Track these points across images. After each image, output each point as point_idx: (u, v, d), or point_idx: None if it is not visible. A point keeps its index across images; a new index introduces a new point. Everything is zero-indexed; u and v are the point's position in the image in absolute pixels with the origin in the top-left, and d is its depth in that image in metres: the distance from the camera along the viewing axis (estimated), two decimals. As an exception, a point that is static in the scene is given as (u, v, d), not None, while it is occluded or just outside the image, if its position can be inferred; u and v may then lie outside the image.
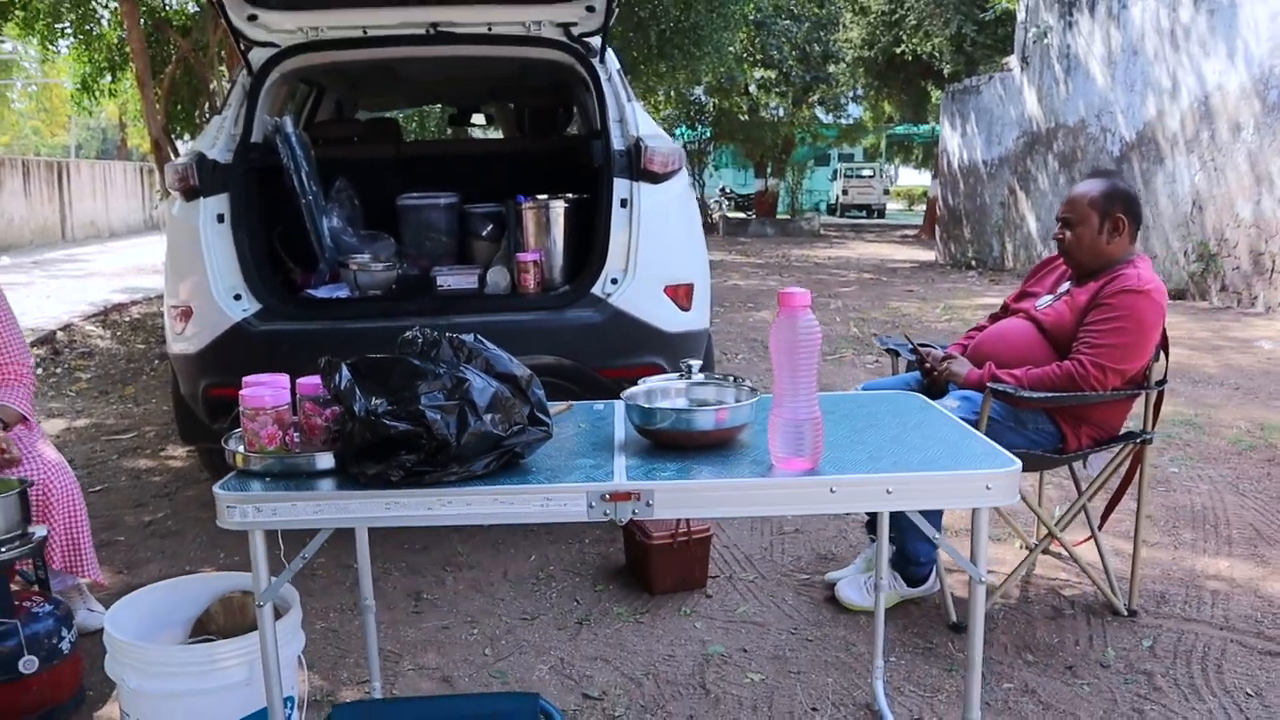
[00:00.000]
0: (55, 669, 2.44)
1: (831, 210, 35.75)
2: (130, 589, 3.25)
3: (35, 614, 2.44)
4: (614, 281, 3.48)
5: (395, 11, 3.81)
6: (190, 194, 3.47)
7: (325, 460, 1.72)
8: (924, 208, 34.71)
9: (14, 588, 2.53)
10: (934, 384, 3.06)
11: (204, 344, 3.44)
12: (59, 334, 8.32)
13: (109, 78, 10.44)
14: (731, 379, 2.10)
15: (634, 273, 3.48)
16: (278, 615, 2.00)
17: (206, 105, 9.16)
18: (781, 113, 24.97)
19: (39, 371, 7.06)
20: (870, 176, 34.68)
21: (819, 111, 25.82)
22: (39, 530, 2.51)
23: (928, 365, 3.08)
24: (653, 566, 3.18)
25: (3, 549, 2.38)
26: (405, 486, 1.62)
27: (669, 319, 3.56)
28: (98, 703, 2.59)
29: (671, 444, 1.84)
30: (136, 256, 16.83)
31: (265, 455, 1.74)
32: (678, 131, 25.75)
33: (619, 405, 2.23)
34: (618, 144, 3.58)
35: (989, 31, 16.51)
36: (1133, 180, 11.03)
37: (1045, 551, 3.43)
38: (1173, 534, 3.68)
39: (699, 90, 24.14)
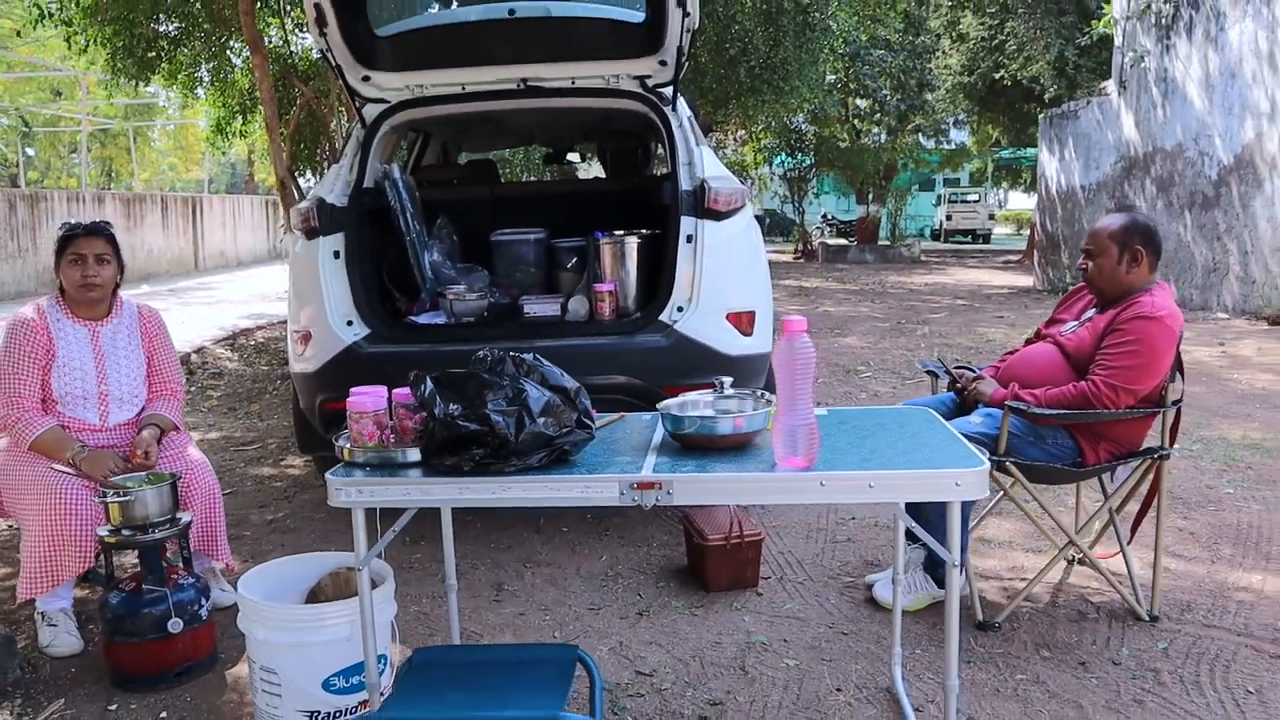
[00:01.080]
0: (196, 631, 2.92)
1: (935, 236, 35.50)
2: (256, 575, 3.78)
3: (181, 585, 2.93)
4: (679, 309, 3.87)
5: (490, 70, 4.29)
6: (311, 234, 4.00)
7: (413, 454, 2.13)
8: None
9: (163, 563, 3.03)
10: (965, 403, 3.37)
11: (321, 364, 3.94)
12: (193, 356, 9.08)
13: (240, 119, 11.32)
14: (755, 393, 2.46)
15: (698, 301, 3.86)
16: (374, 585, 2.43)
17: (326, 146, 9.89)
18: (882, 139, 25.07)
19: (176, 389, 7.77)
20: (975, 201, 34.32)
21: (920, 137, 25.79)
22: (185, 516, 3.02)
23: (959, 385, 3.38)
24: (709, 566, 3.53)
25: (157, 529, 2.88)
26: (474, 475, 2.03)
27: (730, 343, 3.92)
28: (228, 664, 3.06)
29: (696, 446, 2.21)
30: (261, 285, 17.92)
31: (366, 450, 2.16)
32: (778, 160, 26.06)
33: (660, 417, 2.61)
34: (685, 185, 3.97)
35: (1091, 55, 16.44)
36: (1231, 204, 10.95)
37: (1080, 563, 3.67)
38: (1212, 549, 3.86)
39: (799, 118, 24.43)
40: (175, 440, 3.35)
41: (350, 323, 3.94)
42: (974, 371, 3.48)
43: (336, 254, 3.98)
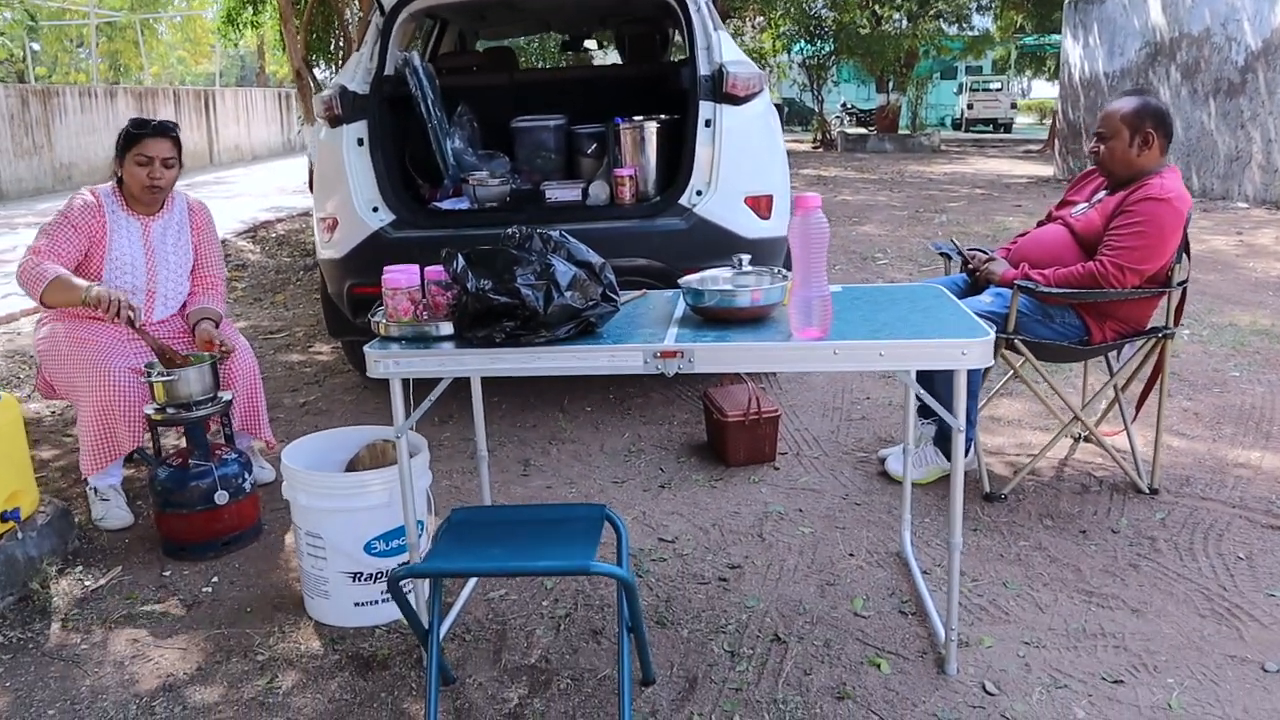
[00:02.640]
0: (240, 503, 3.09)
1: (956, 125, 34.93)
2: (292, 453, 3.94)
3: (225, 460, 3.09)
4: (698, 193, 3.93)
5: (507, -47, 4.27)
6: (334, 121, 4.05)
7: (446, 328, 2.24)
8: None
9: (207, 439, 3.18)
10: (977, 283, 3.45)
11: (347, 250, 4.04)
12: (215, 248, 9.18)
13: (250, 9, 11.21)
14: (773, 270, 2.55)
15: (716, 185, 3.92)
16: (410, 454, 2.57)
17: (340, 36, 9.80)
18: (903, 25, 24.48)
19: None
20: (997, 90, 33.66)
21: (942, 23, 25.18)
22: (226, 394, 3.16)
23: (971, 266, 3.45)
24: (728, 441, 3.67)
25: (201, 407, 3.02)
26: (505, 346, 2.14)
27: (749, 226, 3.99)
28: (271, 534, 3.24)
29: (715, 318, 2.31)
30: (278, 178, 17.91)
31: (401, 324, 2.27)
32: (796, 47, 25.54)
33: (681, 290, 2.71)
34: (703, 69, 3.99)
35: (1120, -64, 15.90)
36: (1257, 91, 10.77)
37: (1086, 440, 3.79)
38: (1215, 429, 3.97)
39: (818, 4, 23.85)
40: (224, 330, 3.46)
41: (376, 209, 4.03)
42: (986, 253, 3.55)
43: (360, 141, 4.04)
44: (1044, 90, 44.99)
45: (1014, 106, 34.35)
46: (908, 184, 14.86)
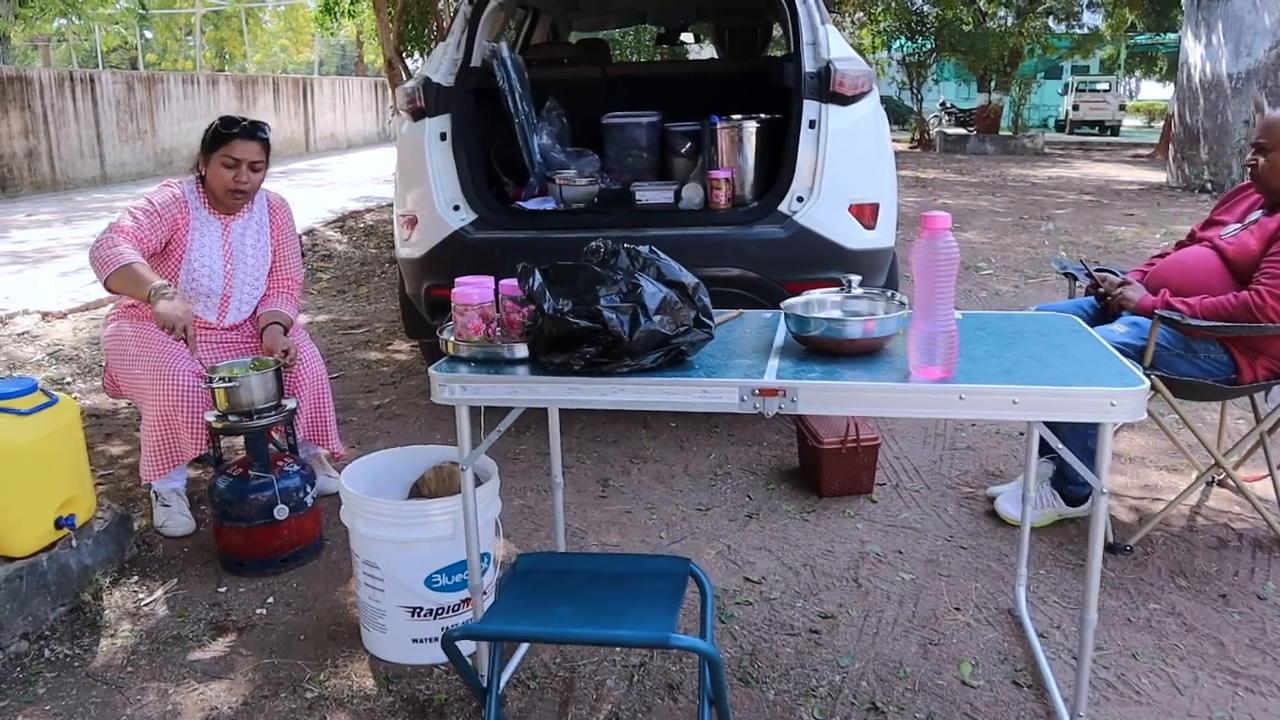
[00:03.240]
0: (301, 518, 2.92)
1: (1060, 127, 33.73)
2: (362, 461, 3.78)
3: (287, 472, 2.92)
4: (799, 199, 3.66)
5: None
6: (417, 115, 3.87)
7: (520, 350, 2.02)
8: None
9: (270, 448, 3.02)
10: (1107, 309, 3.11)
11: (427, 249, 3.86)
12: (303, 238, 9.17)
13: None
14: (886, 293, 2.27)
15: (819, 191, 3.64)
16: (478, 483, 2.36)
17: (434, 26, 9.70)
18: (1009, 22, 23.68)
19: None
20: (1105, 90, 32.42)
21: (1050, 21, 24.30)
22: (290, 403, 2.98)
23: (1101, 290, 3.12)
24: (823, 469, 3.39)
25: (262, 415, 2.85)
26: (585, 375, 1.91)
27: (852, 236, 3.70)
28: (333, 550, 3.07)
29: (822, 350, 2.04)
30: (370, 167, 18.02)
31: (471, 344, 2.06)
32: (896, 44, 24.90)
33: (782, 315, 2.45)
34: (808, 66, 3.71)
35: (1248, -69, 15.05)
36: (1400, 98, 10.01)
37: (1220, 485, 3.42)
38: (1370, 475, 3.56)
39: (920, -1, 23.21)
40: (294, 334, 3.29)
41: (457, 207, 3.83)
42: (1117, 275, 3.20)
43: (443, 136, 3.85)
44: (1153, 92, 43.46)
45: (1122, 108, 33.07)
46: (1010, 188, 14.28)
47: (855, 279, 2.30)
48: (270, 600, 2.77)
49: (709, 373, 1.93)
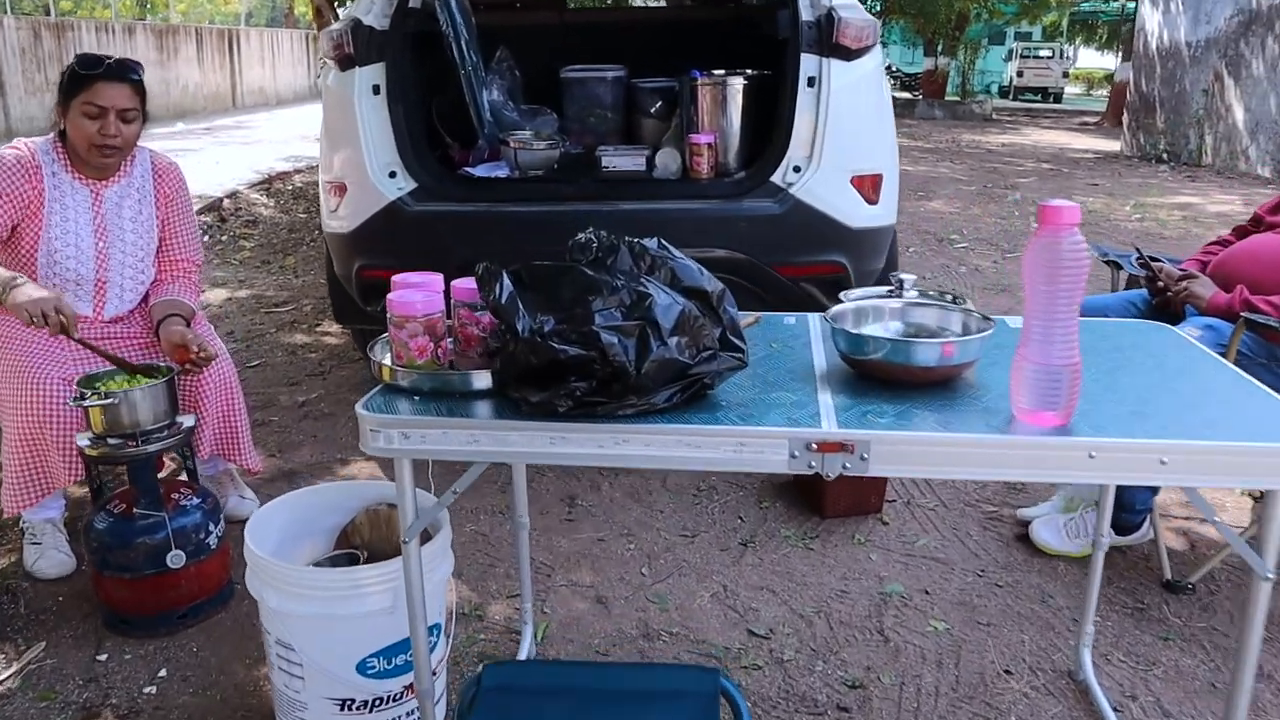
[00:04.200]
0: (202, 564, 2.35)
1: (1004, 93, 33.57)
2: (282, 474, 3.21)
3: (184, 507, 2.35)
4: (796, 170, 3.14)
5: None
6: (345, 63, 3.26)
7: (482, 379, 1.48)
8: (1104, 93, 32.19)
9: (161, 475, 2.45)
10: (1166, 306, 2.64)
11: (357, 223, 3.27)
12: (225, 201, 8.43)
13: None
14: (950, 298, 1.77)
15: (819, 160, 3.12)
16: (426, 538, 1.82)
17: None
18: (958, -15, 23.23)
19: (205, 239, 7.17)
20: (1049, 57, 32.34)
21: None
22: (186, 420, 2.40)
23: (1161, 284, 2.65)
24: (825, 487, 2.90)
25: (150, 438, 2.27)
26: (574, 419, 1.38)
27: (854, 213, 3.20)
28: (245, 599, 2.49)
29: (883, 378, 1.54)
30: (301, 124, 17.07)
31: (414, 369, 1.52)
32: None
33: (813, 320, 1.94)
34: (806, 14, 3.17)
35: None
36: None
37: None
38: None
39: (870, -41, 22.65)
40: (197, 328, 2.69)
41: (393, 174, 3.24)
42: (1171, 264, 2.73)
43: (376, 89, 3.24)
44: (1090, 59, 43.51)
45: (1065, 75, 33.05)
46: (966, 154, 13.91)
47: (909, 278, 1.80)
48: (162, 674, 2.21)
49: (744, 416, 1.41)
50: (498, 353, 1.44)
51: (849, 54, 3.15)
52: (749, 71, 3.45)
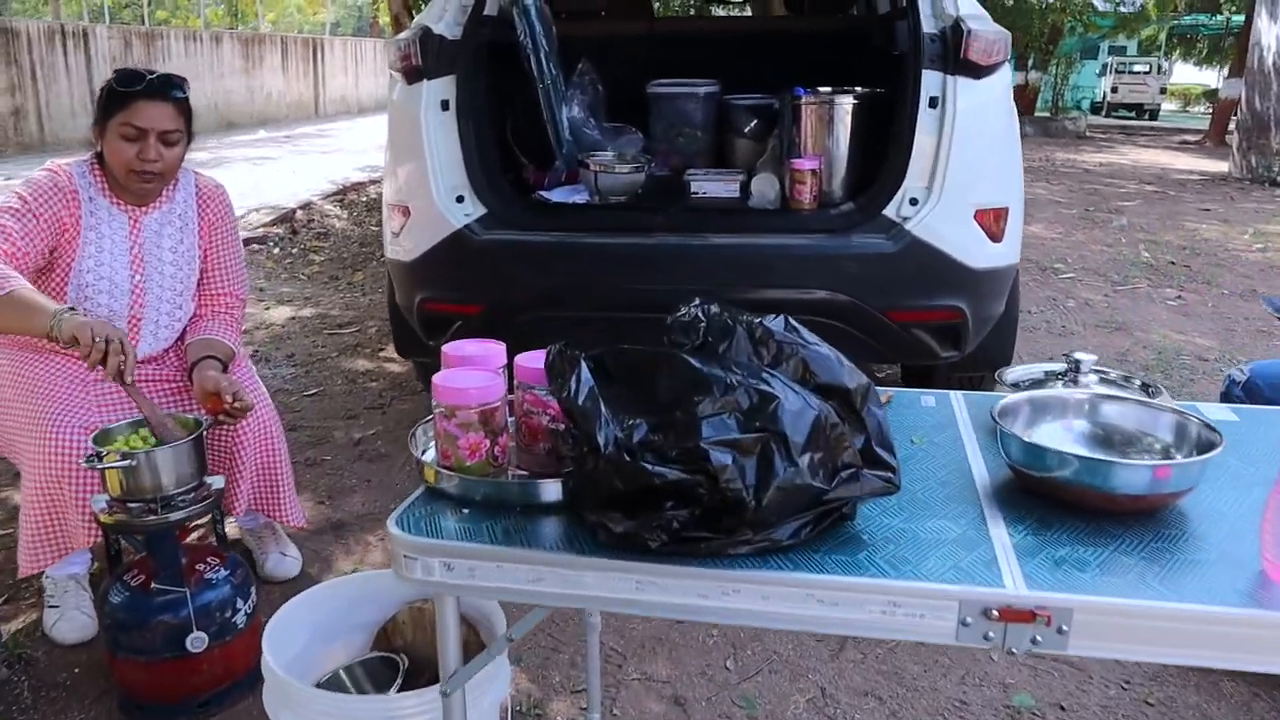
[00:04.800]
0: (228, 645, 2.06)
1: (1096, 109, 32.49)
2: (330, 526, 2.92)
3: (209, 580, 2.05)
4: (913, 202, 2.76)
5: None
6: (412, 75, 2.97)
7: (551, 490, 1.15)
8: (1204, 110, 31.01)
9: (191, 536, 2.17)
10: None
11: (420, 252, 2.98)
12: (298, 213, 8.27)
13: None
14: (1138, 384, 1.40)
15: (940, 192, 2.75)
16: (478, 647, 1.49)
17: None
18: (1051, -2, 22.49)
19: (275, 251, 7.00)
20: (1145, 73, 31.22)
21: (1095, -3, 23.16)
22: (215, 481, 2.10)
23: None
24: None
25: (173, 506, 1.98)
26: (669, 558, 1.04)
27: (977, 252, 2.82)
28: (279, 680, 2.21)
29: (1069, 501, 1.17)
30: (381, 134, 17.08)
31: (464, 471, 1.19)
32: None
33: (957, 402, 1.57)
34: (929, 25, 2.81)
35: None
36: None
37: None
38: None
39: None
40: (235, 372, 2.41)
41: (461, 198, 2.94)
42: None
43: (445, 104, 2.95)
44: (1187, 75, 42.10)
45: (1163, 91, 31.90)
46: (1062, 174, 13.29)
47: (1087, 359, 1.43)
48: (173, 777, 1.92)
49: (895, 561, 1.05)
50: (573, 465, 1.10)
51: (978, 71, 2.78)
52: (860, 90, 3.09)
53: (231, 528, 2.67)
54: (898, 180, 2.77)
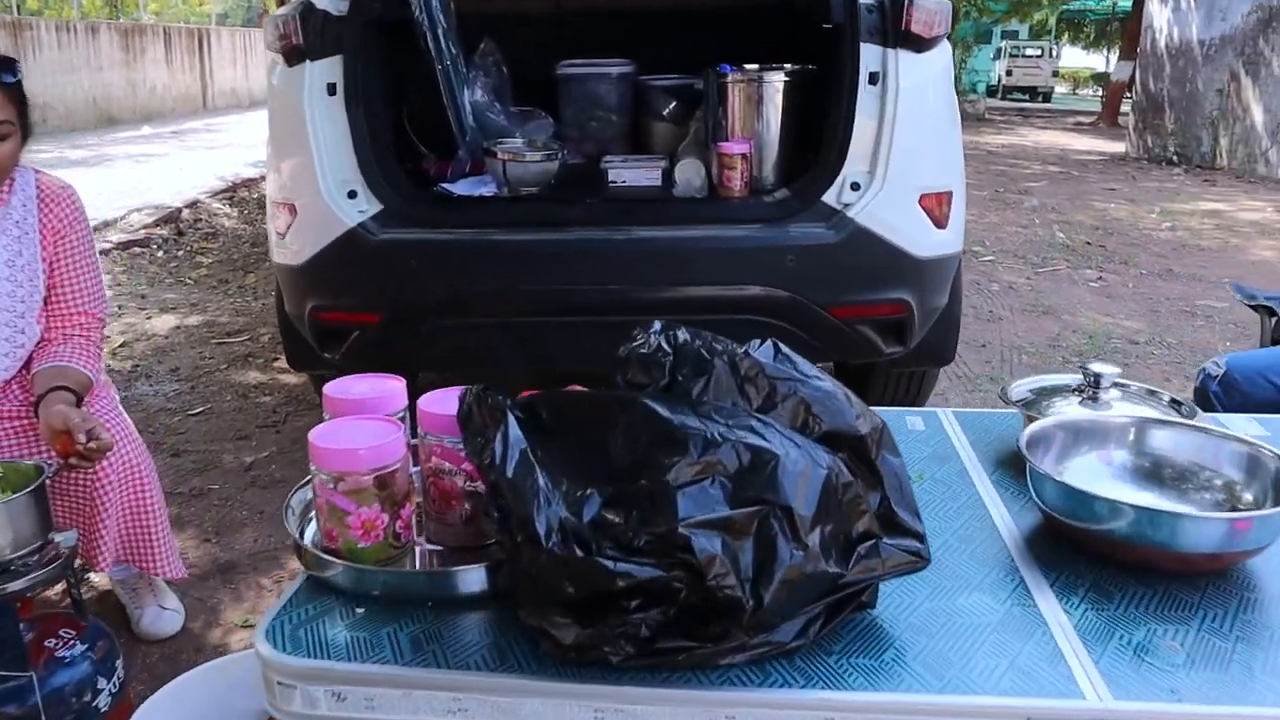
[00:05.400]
0: (88, 734, 1.72)
1: (992, 92, 33.15)
2: (218, 568, 2.57)
3: (61, 659, 1.71)
4: (854, 187, 2.52)
5: None
6: (293, 56, 2.62)
7: (474, 580, 0.87)
8: (1093, 92, 31.86)
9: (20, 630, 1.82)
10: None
11: (309, 255, 2.63)
12: (184, 212, 7.74)
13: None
14: (1167, 400, 1.17)
15: (884, 176, 2.51)
16: None
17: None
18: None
19: (159, 254, 6.52)
20: (1037, 56, 32.00)
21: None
22: (64, 537, 1.75)
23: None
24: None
25: (9, 574, 1.63)
26: (637, 675, 0.76)
27: (922, 240, 2.59)
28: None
29: (1123, 559, 0.93)
30: (272, 126, 16.45)
31: (356, 554, 0.90)
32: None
33: (948, 422, 1.33)
34: (866, -5, 2.57)
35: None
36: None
37: None
38: None
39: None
40: (93, 404, 2.04)
41: (353, 194, 2.60)
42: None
43: (331, 88, 2.60)
44: (1075, 58, 43.33)
45: (1055, 74, 32.69)
46: (969, 157, 13.20)
47: (1109, 371, 1.20)
48: None
49: (934, 668, 0.79)
50: (502, 550, 0.82)
51: (920, 44, 2.54)
52: (790, 66, 2.84)
53: (101, 577, 2.32)
54: (837, 164, 2.52)
